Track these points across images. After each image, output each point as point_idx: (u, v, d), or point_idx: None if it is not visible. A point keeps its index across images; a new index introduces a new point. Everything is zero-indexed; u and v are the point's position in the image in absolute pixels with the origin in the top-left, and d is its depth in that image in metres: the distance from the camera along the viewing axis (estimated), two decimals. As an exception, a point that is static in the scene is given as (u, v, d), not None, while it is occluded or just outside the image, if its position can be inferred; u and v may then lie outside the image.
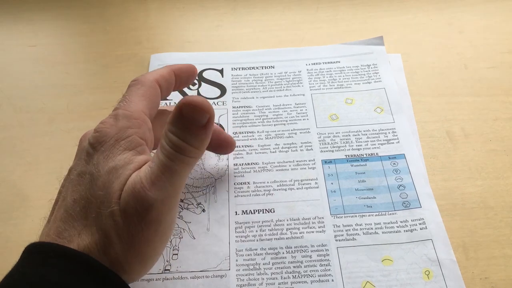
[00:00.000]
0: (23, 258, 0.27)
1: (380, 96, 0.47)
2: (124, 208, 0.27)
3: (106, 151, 0.29)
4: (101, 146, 0.29)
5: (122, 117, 0.30)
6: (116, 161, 0.29)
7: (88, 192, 0.28)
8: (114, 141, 0.29)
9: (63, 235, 0.28)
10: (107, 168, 0.28)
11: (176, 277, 0.36)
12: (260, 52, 0.52)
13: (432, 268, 0.35)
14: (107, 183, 0.28)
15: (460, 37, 0.53)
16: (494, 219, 0.39)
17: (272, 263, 0.36)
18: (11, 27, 0.58)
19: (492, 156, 0.42)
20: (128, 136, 0.30)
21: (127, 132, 0.30)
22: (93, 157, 0.29)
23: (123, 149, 0.29)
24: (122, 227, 0.27)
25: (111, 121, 0.30)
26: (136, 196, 0.27)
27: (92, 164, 0.29)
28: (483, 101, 0.47)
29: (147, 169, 0.28)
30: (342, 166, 0.42)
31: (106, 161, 0.29)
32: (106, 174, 0.28)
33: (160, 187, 0.28)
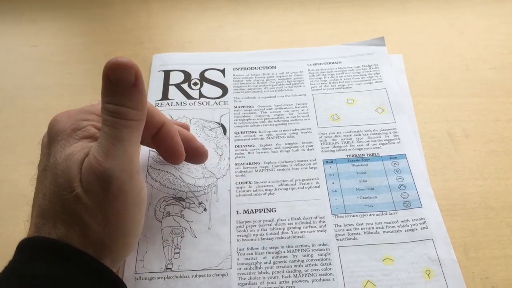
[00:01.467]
0: (15, 253, 0.28)
1: (381, 97, 0.47)
2: (86, 188, 0.28)
3: (62, 141, 0.30)
4: (57, 135, 0.30)
5: (82, 111, 0.32)
6: (72, 148, 0.29)
7: (51, 184, 0.29)
8: (71, 131, 0.30)
9: (43, 230, 0.28)
10: (64, 155, 0.29)
11: (178, 276, 0.36)
12: (261, 52, 0.52)
13: (433, 267, 0.35)
14: (65, 170, 0.28)
15: (461, 38, 0.53)
16: (494, 219, 0.39)
17: (273, 262, 0.36)
18: (13, 27, 0.58)
19: (493, 156, 0.42)
20: (84, 127, 0.31)
21: (83, 123, 0.31)
22: (50, 149, 0.30)
23: (79, 138, 0.30)
24: (91, 206, 0.28)
25: (65, 112, 0.32)
26: (94, 172, 0.28)
27: (51, 156, 0.30)
28: (484, 102, 0.47)
29: (97, 145, 0.29)
30: (343, 166, 0.42)
31: (63, 150, 0.29)
32: (63, 162, 0.29)
33: (113, 157, 0.28)
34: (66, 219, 0.28)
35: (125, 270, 0.36)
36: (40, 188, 0.30)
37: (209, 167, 0.42)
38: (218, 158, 0.43)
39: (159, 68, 0.51)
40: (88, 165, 0.28)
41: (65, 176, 0.28)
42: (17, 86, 0.51)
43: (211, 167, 0.42)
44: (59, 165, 0.29)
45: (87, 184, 0.28)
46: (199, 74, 0.50)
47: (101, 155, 0.28)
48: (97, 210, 0.28)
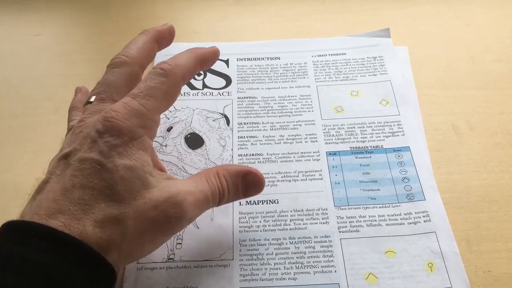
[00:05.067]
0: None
1: (385, 89, 0.46)
2: (152, 215, 0.28)
3: (120, 148, 0.29)
4: (113, 138, 0.29)
5: (138, 114, 0.30)
6: (134, 161, 0.29)
7: (93, 181, 0.27)
8: (128, 139, 0.29)
9: (56, 217, 0.26)
10: (123, 165, 0.28)
11: (180, 266, 0.36)
12: (266, 43, 0.52)
13: (435, 260, 0.35)
14: (126, 181, 0.28)
15: (468, 29, 0.52)
16: (498, 212, 0.38)
17: (276, 254, 0.36)
18: (17, 16, 0.58)
19: (497, 149, 0.42)
20: (140, 137, 0.30)
21: (140, 132, 0.30)
22: (101, 147, 0.28)
23: (137, 149, 0.29)
24: (132, 231, 0.28)
25: (125, 113, 0.29)
26: (176, 208, 0.29)
27: (101, 154, 0.28)
28: (490, 94, 0.46)
29: (192, 189, 0.31)
30: (346, 158, 0.42)
31: (121, 158, 0.28)
32: (123, 171, 0.28)
33: (198, 210, 0.31)
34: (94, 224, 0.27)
35: (127, 260, 0.36)
36: (70, 176, 0.28)
37: (212, 158, 0.42)
38: (221, 149, 0.43)
39: (162, 58, 0.50)
40: (174, 199, 0.29)
41: (123, 186, 0.28)
42: (20, 76, 0.51)
43: (214, 158, 0.42)
44: (117, 172, 0.28)
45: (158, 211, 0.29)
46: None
47: (192, 204, 0.30)
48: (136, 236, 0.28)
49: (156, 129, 0.32)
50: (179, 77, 0.33)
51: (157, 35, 0.37)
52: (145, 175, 0.29)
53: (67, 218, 0.26)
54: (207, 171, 0.33)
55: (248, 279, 0.35)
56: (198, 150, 0.43)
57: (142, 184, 0.29)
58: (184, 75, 0.33)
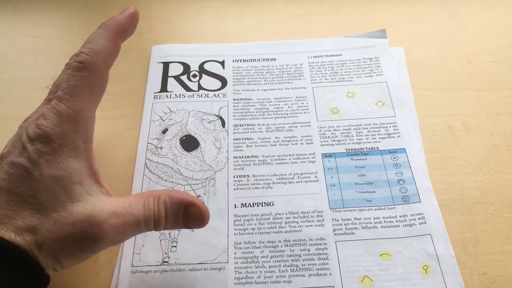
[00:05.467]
0: None
1: (381, 90, 0.46)
2: (69, 232, 0.28)
3: (49, 155, 0.28)
4: (42, 146, 0.28)
5: (66, 118, 0.29)
6: (61, 171, 0.28)
7: (20, 188, 0.27)
8: (58, 146, 0.29)
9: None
10: (50, 174, 0.28)
11: (175, 269, 0.36)
12: (261, 44, 0.52)
13: (431, 263, 0.35)
14: (50, 192, 0.28)
15: (464, 30, 0.52)
16: (494, 214, 0.38)
17: (271, 256, 0.36)
18: (12, 18, 0.58)
19: (493, 151, 0.42)
20: (72, 142, 0.29)
21: (71, 136, 0.29)
22: (30, 154, 0.28)
23: (67, 156, 0.29)
24: (48, 244, 0.27)
25: (54, 119, 0.29)
26: (94, 229, 0.28)
27: (29, 161, 0.28)
28: (486, 95, 0.46)
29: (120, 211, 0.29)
30: (342, 160, 0.42)
31: (49, 166, 0.28)
32: (49, 181, 0.28)
33: (123, 233, 0.30)
34: (17, 230, 0.27)
35: (121, 263, 0.36)
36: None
37: (207, 160, 0.42)
38: (217, 151, 0.43)
39: (158, 60, 0.50)
40: (98, 226, 0.28)
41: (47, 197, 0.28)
42: (16, 77, 0.51)
43: (209, 160, 0.42)
44: (42, 181, 0.28)
45: (76, 229, 0.28)
46: (198, 66, 0.49)
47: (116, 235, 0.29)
48: (57, 253, 0.28)
49: (92, 127, 0.31)
50: (101, 66, 0.31)
51: (118, 29, 0.33)
52: (72, 186, 0.29)
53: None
54: (148, 194, 0.31)
55: (243, 282, 0.35)
56: (194, 153, 0.43)
57: (67, 196, 0.28)
58: (106, 60, 0.31)
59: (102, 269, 0.37)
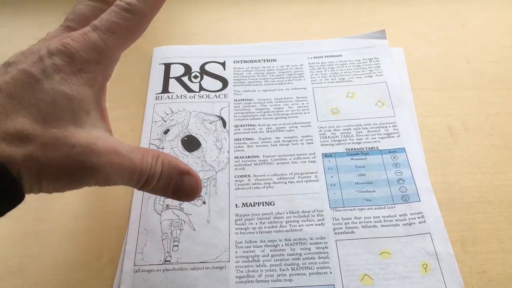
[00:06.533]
0: None
1: (381, 90, 0.47)
2: (65, 152, 0.26)
3: (64, 73, 0.27)
4: (62, 63, 0.27)
5: (95, 48, 0.28)
6: (74, 92, 0.27)
7: (22, 95, 0.26)
8: (77, 70, 0.27)
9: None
10: (61, 91, 0.27)
11: (176, 268, 0.36)
12: (262, 45, 0.52)
13: (430, 261, 0.35)
14: (56, 107, 0.26)
15: (463, 30, 0.53)
16: (493, 213, 0.39)
17: (271, 255, 0.37)
18: (16, 20, 0.58)
19: (492, 150, 0.42)
20: (92, 72, 0.28)
21: (93, 67, 0.28)
22: (46, 66, 0.27)
23: (83, 83, 0.28)
24: (36, 159, 0.25)
25: (83, 44, 0.28)
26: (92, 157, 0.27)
27: (42, 72, 0.27)
28: (485, 95, 0.46)
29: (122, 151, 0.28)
30: (342, 160, 0.42)
31: (62, 83, 0.27)
32: (59, 96, 0.27)
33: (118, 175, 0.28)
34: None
35: (124, 262, 0.37)
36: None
37: (208, 160, 0.42)
38: (218, 151, 0.43)
39: (159, 61, 0.51)
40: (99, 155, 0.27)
41: (51, 110, 0.26)
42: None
43: (211, 160, 0.42)
44: (51, 94, 0.26)
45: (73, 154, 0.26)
46: (199, 67, 0.50)
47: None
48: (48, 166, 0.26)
49: (113, 67, 0.30)
50: (146, 14, 0.30)
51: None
52: (80, 112, 0.27)
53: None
54: (148, 149, 0.30)
55: (244, 281, 0.35)
56: (195, 153, 0.43)
57: (72, 119, 0.27)
58: (152, 10, 0.31)
59: (105, 268, 0.37)
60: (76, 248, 0.38)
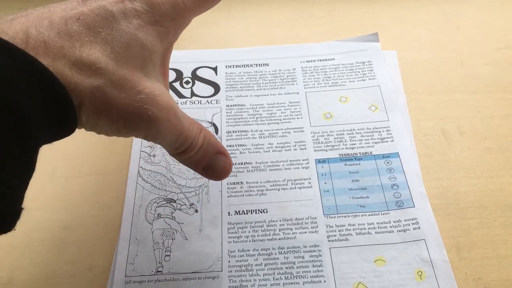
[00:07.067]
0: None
1: (374, 94, 0.46)
2: (130, 95, 0.26)
3: (142, 20, 0.28)
4: (142, 9, 0.28)
5: (175, 6, 0.29)
6: (147, 42, 0.28)
7: (100, 28, 0.26)
8: (154, 21, 0.28)
9: (37, 36, 0.24)
10: (137, 36, 0.27)
11: (168, 279, 0.36)
12: (254, 49, 0.52)
13: (425, 268, 0.35)
14: (129, 50, 0.27)
15: (457, 33, 0.52)
16: (488, 218, 0.38)
17: (265, 264, 0.36)
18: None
19: (487, 154, 0.42)
20: (167, 27, 0.29)
21: (169, 23, 0.29)
22: (126, 9, 0.27)
23: (157, 36, 0.28)
24: (103, 93, 0.25)
25: (168, 2, 0.29)
26: (154, 109, 0.27)
27: (122, 14, 0.27)
28: (479, 98, 0.46)
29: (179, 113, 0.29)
30: (335, 166, 0.42)
31: (138, 28, 0.27)
32: (133, 41, 0.27)
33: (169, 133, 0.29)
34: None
35: (115, 273, 0.36)
36: (79, 8, 0.26)
37: (200, 168, 0.42)
38: (210, 158, 0.43)
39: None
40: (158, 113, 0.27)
41: (124, 52, 0.27)
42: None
43: (203, 167, 0.42)
44: (126, 35, 0.27)
45: (135, 106, 0.26)
46: (191, 73, 0.49)
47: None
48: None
49: (183, 28, 0.31)
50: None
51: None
52: (149, 61, 0.28)
53: (47, 45, 0.24)
54: (194, 121, 0.31)
55: (237, 291, 0.35)
56: (187, 160, 0.42)
57: (141, 66, 0.27)
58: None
59: (96, 279, 0.36)
60: (66, 259, 0.38)
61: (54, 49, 0.24)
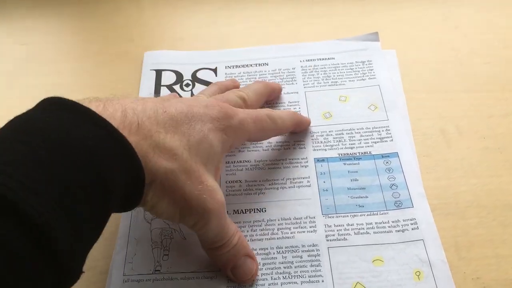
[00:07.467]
0: (37, 106, 0.28)
1: (374, 94, 0.46)
2: (190, 183, 0.30)
3: (214, 125, 0.33)
4: (217, 118, 0.33)
5: (242, 125, 0.35)
6: (214, 143, 0.32)
7: (183, 126, 0.31)
8: (222, 129, 0.33)
9: (131, 127, 0.28)
10: (208, 136, 0.32)
11: (167, 278, 0.36)
12: (254, 49, 0.52)
13: (423, 268, 0.35)
14: (199, 146, 0.31)
15: (456, 32, 0.52)
16: (487, 218, 0.38)
17: (263, 264, 0.36)
18: (2, 25, 0.57)
19: (486, 154, 0.42)
20: (229, 137, 0.34)
21: (231, 135, 0.34)
22: (203, 114, 0.33)
23: (221, 140, 0.33)
24: (171, 176, 0.29)
25: (237, 119, 0.34)
26: (210, 201, 0.31)
27: (200, 116, 0.32)
28: (478, 97, 0.46)
29: (227, 219, 0.34)
30: (334, 165, 0.41)
31: (210, 130, 0.32)
32: (203, 138, 0.32)
33: (216, 226, 0.33)
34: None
35: (113, 272, 0.36)
36: (167, 105, 0.32)
37: (199, 167, 0.42)
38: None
39: (151, 67, 0.50)
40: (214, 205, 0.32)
41: (197, 146, 0.31)
42: (6, 86, 0.51)
43: (201, 167, 0.42)
44: (200, 133, 0.32)
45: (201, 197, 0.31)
46: (191, 75, 0.49)
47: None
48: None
49: (238, 144, 0.38)
50: (278, 128, 0.39)
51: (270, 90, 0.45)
52: (212, 160, 0.32)
53: (139, 126, 0.28)
54: (233, 223, 0.35)
55: (235, 290, 0.35)
56: (185, 159, 0.42)
57: (206, 162, 0.32)
58: (281, 130, 0.41)
59: (94, 278, 0.36)
60: (64, 258, 0.38)
61: (144, 130, 0.29)
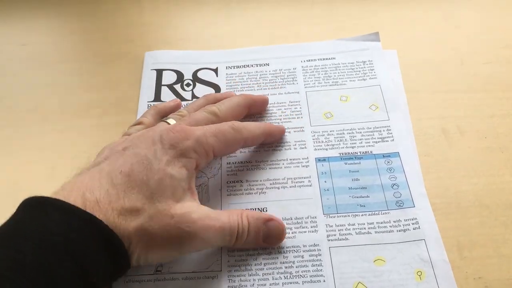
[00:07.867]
0: (19, 210, 0.30)
1: (375, 93, 0.46)
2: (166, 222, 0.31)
3: (170, 155, 0.34)
4: (170, 147, 0.34)
5: (200, 143, 0.35)
6: (176, 172, 0.33)
7: (138, 174, 0.32)
8: (180, 154, 0.34)
9: (90, 195, 0.30)
10: (166, 171, 0.33)
11: (168, 278, 0.36)
12: (254, 49, 0.52)
13: (425, 268, 0.35)
14: (161, 185, 0.32)
15: (457, 32, 0.52)
16: (489, 217, 0.38)
17: (264, 264, 0.36)
18: (2, 26, 0.57)
19: (487, 153, 0.42)
20: (190, 158, 0.34)
21: (191, 154, 0.35)
22: (157, 150, 0.34)
23: (182, 165, 0.34)
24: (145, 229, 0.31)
25: (193, 138, 0.35)
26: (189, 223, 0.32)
27: (153, 155, 0.33)
28: (479, 97, 0.46)
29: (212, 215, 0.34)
30: (335, 164, 0.41)
31: (167, 164, 0.33)
32: (164, 175, 0.33)
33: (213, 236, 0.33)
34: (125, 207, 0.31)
35: (114, 273, 0.36)
36: (121, 163, 0.33)
37: (200, 167, 0.42)
38: (209, 157, 0.42)
39: (151, 67, 0.50)
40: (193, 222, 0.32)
41: (157, 187, 0.32)
42: (6, 86, 0.51)
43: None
44: (159, 173, 0.33)
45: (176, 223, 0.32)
46: (191, 75, 0.49)
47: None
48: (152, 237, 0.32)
49: (206, 159, 0.36)
50: (243, 138, 0.38)
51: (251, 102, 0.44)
52: (178, 188, 0.33)
53: (100, 203, 0.30)
54: (231, 210, 0.36)
55: (236, 290, 0.35)
56: (186, 159, 0.42)
57: (171, 194, 0.32)
58: (247, 140, 0.39)
59: (95, 279, 0.36)
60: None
61: (105, 204, 0.30)
